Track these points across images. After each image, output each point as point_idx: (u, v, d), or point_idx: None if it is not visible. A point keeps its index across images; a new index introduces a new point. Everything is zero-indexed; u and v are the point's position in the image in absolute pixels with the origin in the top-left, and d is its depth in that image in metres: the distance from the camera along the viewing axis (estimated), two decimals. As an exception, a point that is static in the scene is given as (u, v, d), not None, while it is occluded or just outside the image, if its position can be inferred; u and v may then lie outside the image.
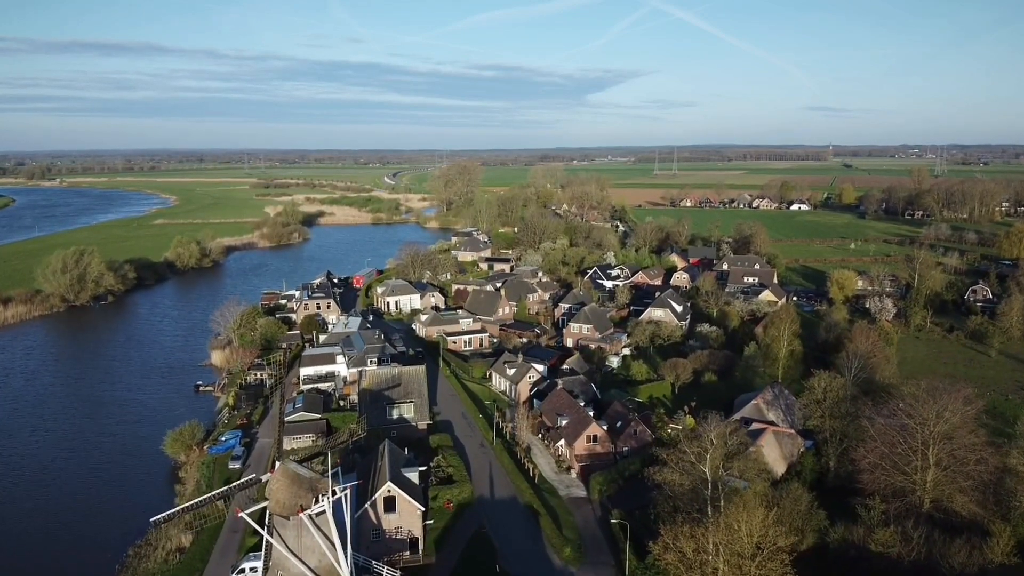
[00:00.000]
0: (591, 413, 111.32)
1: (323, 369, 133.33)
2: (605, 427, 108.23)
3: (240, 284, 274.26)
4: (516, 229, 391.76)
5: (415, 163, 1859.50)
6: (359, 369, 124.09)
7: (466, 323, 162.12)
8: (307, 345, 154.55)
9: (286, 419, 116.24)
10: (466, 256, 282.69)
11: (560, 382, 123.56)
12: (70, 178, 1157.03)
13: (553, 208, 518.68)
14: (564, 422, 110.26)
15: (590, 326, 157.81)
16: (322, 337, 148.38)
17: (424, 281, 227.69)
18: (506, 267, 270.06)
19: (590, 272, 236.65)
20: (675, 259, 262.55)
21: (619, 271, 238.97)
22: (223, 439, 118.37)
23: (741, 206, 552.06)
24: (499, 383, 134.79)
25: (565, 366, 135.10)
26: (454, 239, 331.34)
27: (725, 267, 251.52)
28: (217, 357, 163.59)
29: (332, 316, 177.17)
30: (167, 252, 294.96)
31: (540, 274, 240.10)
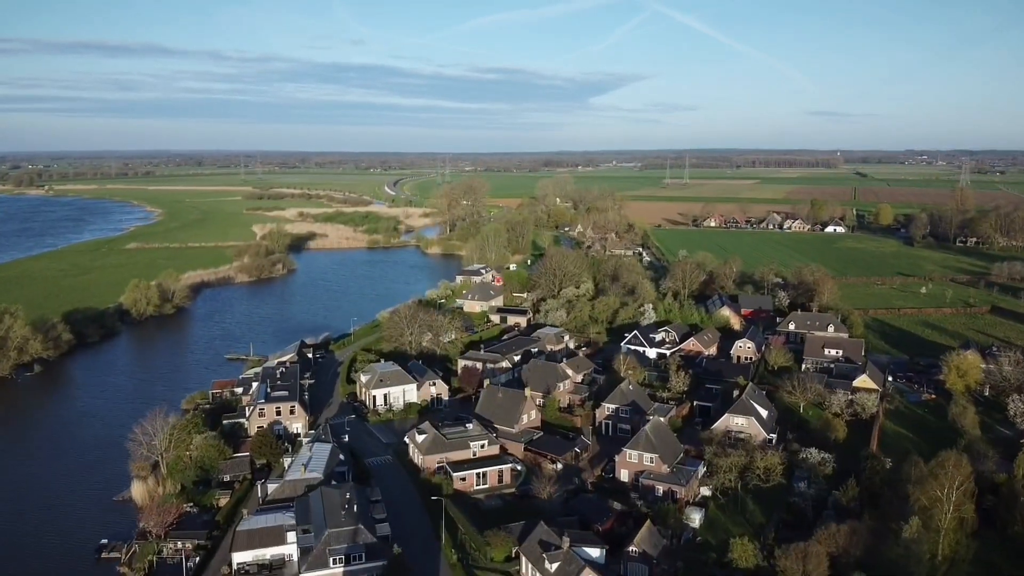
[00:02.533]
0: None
1: (266, 553, 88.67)
2: None
3: (202, 337, 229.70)
4: (528, 261, 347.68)
5: (417, 167, 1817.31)
6: None
7: (479, 445, 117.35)
8: (257, 483, 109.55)
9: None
10: (474, 306, 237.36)
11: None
12: (60, 185, 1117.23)
13: (567, 230, 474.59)
14: None
15: (654, 455, 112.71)
16: (271, 486, 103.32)
17: (424, 344, 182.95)
18: (522, 320, 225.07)
19: (628, 337, 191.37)
20: (727, 314, 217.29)
21: (664, 334, 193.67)
22: None
23: (771, 227, 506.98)
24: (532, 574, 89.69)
25: (632, 548, 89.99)
26: (459, 279, 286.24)
27: (792, 327, 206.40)
28: (139, 490, 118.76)
29: (298, 425, 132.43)
30: (122, 297, 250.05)
31: (567, 338, 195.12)
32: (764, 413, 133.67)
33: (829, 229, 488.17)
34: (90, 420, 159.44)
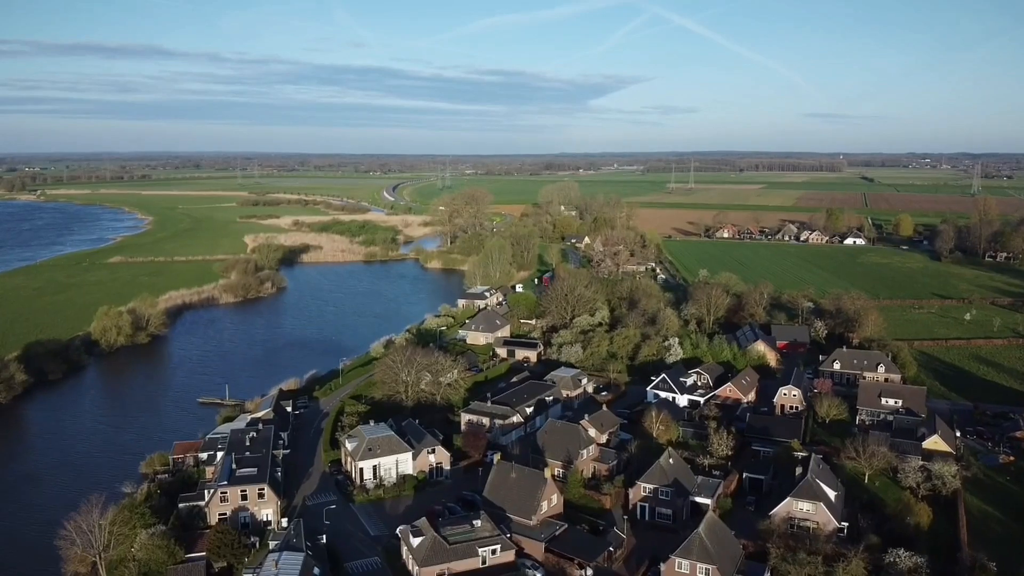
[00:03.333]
0: None
1: None
2: None
3: (178, 371, 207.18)
4: (536, 280, 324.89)
5: (417, 170, 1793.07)
6: None
7: (489, 550, 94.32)
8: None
9: None
10: (478, 338, 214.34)
11: None
12: (53, 189, 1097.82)
13: (574, 242, 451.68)
14: None
15: (711, 567, 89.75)
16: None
17: (422, 387, 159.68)
18: (532, 355, 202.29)
19: (655, 381, 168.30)
20: (762, 349, 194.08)
21: (695, 377, 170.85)
22: None
23: (786, 238, 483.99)
24: None
25: None
26: (461, 303, 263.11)
27: (837, 367, 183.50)
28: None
29: (267, 511, 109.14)
30: (91, 326, 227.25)
31: (584, 381, 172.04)
32: (832, 495, 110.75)
33: (848, 241, 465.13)
34: (35, 486, 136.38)
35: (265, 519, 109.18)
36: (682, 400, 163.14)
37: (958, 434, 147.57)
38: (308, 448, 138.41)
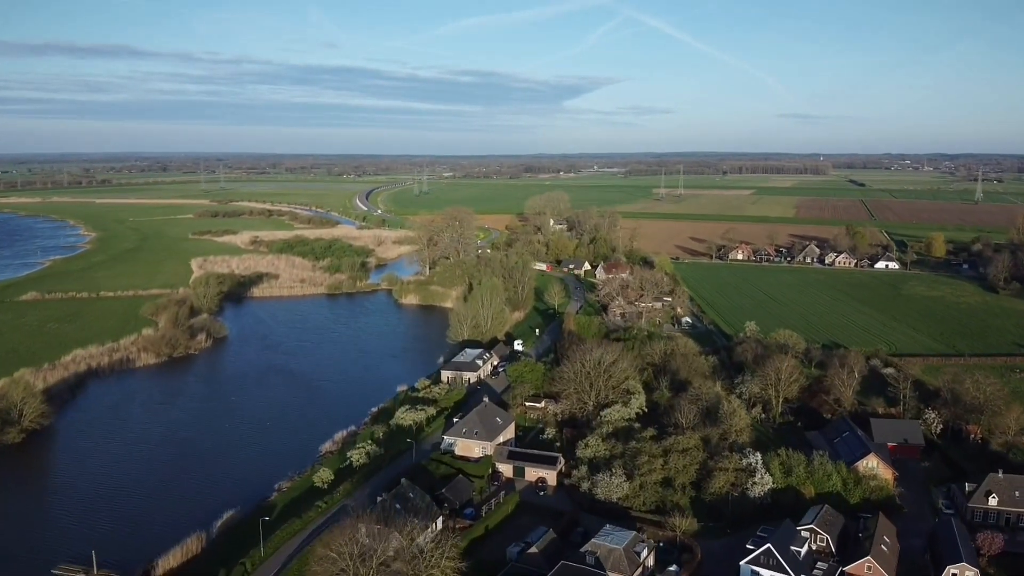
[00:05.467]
0: None
1: None
2: None
3: (52, 492, 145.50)
4: (537, 331, 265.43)
5: (392, 172, 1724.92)
6: None
7: None
8: None
9: None
10: (471, 448, 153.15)
11: None
12: (2, 197, 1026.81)
13: (571, 268, 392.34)
14: None
15: None
16: None
17: (390, 555, 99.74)
18: (550, 475, 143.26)
19: (754, 552, 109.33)
20: (878, 469, 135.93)
21: (810, 537, 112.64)
22: None
23: (809, 260, 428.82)
24: None
25: None
26: (446, 376, 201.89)
27: (993, 503, 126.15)
28: None
29: None
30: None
31: (644, 554, 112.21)
32: None
33: (880, 265, 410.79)
34: None
35: None
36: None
37: None
38: None
